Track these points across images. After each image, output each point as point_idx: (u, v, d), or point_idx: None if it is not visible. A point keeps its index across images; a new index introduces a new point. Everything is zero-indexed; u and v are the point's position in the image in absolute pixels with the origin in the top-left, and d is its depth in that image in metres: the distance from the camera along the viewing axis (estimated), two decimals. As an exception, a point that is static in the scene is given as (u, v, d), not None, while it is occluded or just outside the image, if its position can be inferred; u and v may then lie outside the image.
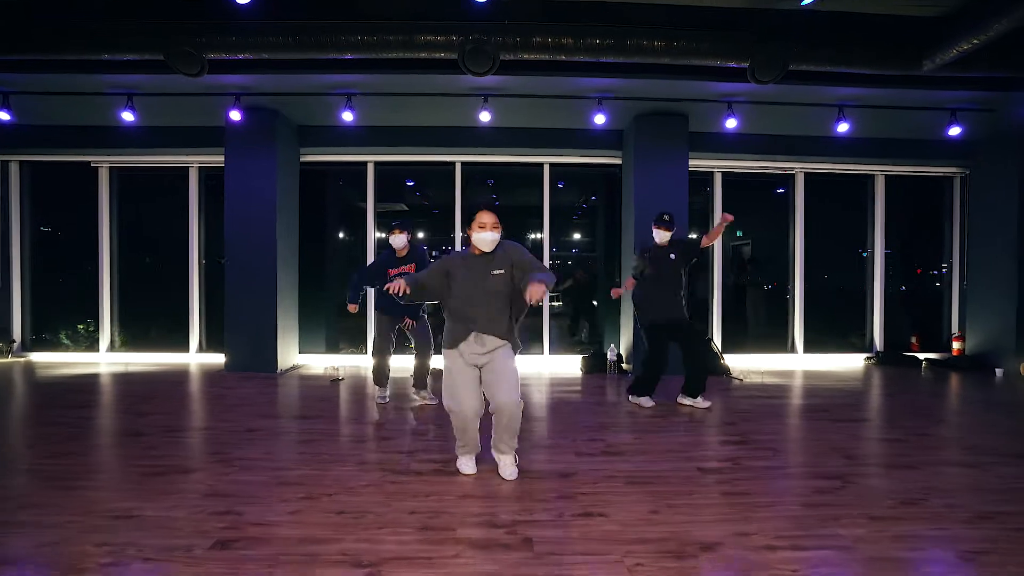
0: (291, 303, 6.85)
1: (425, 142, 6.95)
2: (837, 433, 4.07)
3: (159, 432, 3.99)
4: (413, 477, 3.12)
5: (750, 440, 3.89)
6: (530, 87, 5.67)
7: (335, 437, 3.92)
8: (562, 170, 7.47)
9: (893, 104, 5.96)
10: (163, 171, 7.43)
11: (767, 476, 3.17)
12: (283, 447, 3.67)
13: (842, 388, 5.82)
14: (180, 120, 6.70)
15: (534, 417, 4.53)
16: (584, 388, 5.80)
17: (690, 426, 4.31)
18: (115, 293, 7.50)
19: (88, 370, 6.56)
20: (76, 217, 7.51)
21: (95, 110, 6.29)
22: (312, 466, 3.29)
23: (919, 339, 7.88)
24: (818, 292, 7.74)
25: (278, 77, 5.45)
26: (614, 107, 6.08)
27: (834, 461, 3.41)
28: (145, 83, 5.58)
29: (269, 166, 6.36)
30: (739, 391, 5.65)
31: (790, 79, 5.15)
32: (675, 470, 3.27)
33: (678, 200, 6.44)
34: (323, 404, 4.98)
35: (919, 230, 8.04)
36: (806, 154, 7.26)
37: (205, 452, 3.54)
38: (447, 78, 5.40)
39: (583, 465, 3.34)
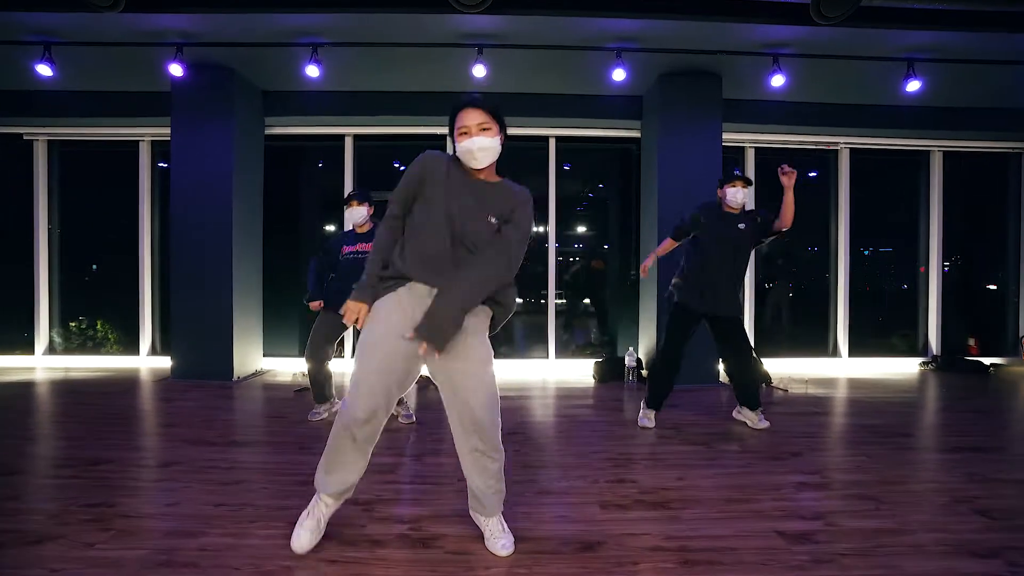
0: (252, 300, 5.84)
1: (411, 110, 5.93)
2: (946, 472, 3.06)
3: (43, 467, 3.00)
4: (366, 550, 2.11)
5: (832, 481, 2.88)
6: (534, 34, 4.62)
7: (273, 476, 2.91)
8: (570, 147, 6.44)
9: (979, 57, 4.88)
10: (110, 146, 6.40)
11: (885, 549, 2.15)
12: (198, 494, 2.65)
13: (909, 402, 4.82)
14: (123, 83, 5.70)
15: (539, 445, 3.51)
16: (599, 402, 4.79)
17: (744, 458, 3.29)
18: (55, 287, 6.49)
19: (15, 377, 5.56)
20: (9, 199, 6.47)
21: (18, 70, 5.26)
22: (225, 528, 2.28)
23: (978, 341, 6.87)
24: (859, 289, 6.73)
25: (223, 18, 4.41)
26: (635, 62, 5.04)
27: (970, 522, 2.40)
28: (61, 26, 4.53)
29: (224, 136, 5.35)
30: (787, 404, 4.65)
31: (858, 20, 4.14)
32: (745, 536, 2.26)
33: (710, 179, 5.39)
34: (274, 424, 3.98)
35: (977, 216, 7.00)
36: (853, 126, 6.23)
37: (84, 503, 2.52)
38: (433, 19, 4.36)
39: (612, 526, 2.33)
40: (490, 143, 2.00)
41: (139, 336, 6.35)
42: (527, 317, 6.70)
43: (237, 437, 3.64)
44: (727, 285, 3.73)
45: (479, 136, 1.98)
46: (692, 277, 3.77)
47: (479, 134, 1.98)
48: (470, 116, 2.00)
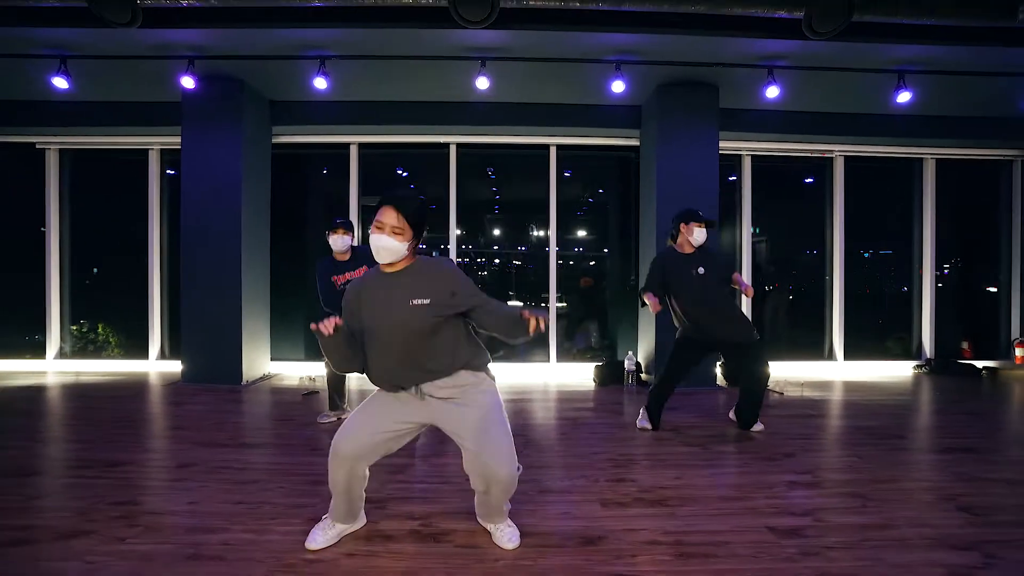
0: (261, 305, 5.97)
1: (415, 119, 6.07)
2: (933, 471, 3.18)
3: (61, 470, 3.12)
4: (380, 544, 2.24)
5: (824, 481, 3.00)
6: (535, 47, 4.75)
7: (287, 476, 3.03)
8: (570, 155, 6.57)
9: (968, 69, 5.03)
10: (120, 154, 6.54)
11: (870, 542, 2.28)
12: (214, 494, 2.77)
13: (903, 404, 4.95)
14: (134, 93, 5.83)
15: (542, 447, 3.64)
16: (599, 404, 4.92)
17: (741, 459, 3.42)
18: (66, 292, 6.62)
19: (23, 381, 5.68)
20: (22, 206, 6.60)
21: (33, 81, 5.41)
22: (246, 525, 2.41)
23: (971, 345, 6.99)
24: (853, 292, 6.85)
25: (235, 33, 4.55)
26: (634, 74, 5.18)
27: (953, 517, 2.52)
28: (76, 41, 4.66)
29: (233, 146, 5.48)
30: (783, 407, 4.77)
31: (848, 35, 4.28)
32: (738, 531, 2.38)
33: (708, 187, 5.56)
34: (284, 427, 4.09)
35: (970, 222, 7.13)
36: (848, 134, 6.37)
37: (110, 502, 2.65)
38: (437, 33, 4.50)
39: (613, 522, 2.46)
40: (397, 245, 2.02)
41: (148, 340, 6.47)
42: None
43: (249, 439, 3.76)
44: (714, 318, 3.83)
45: (389, 236, 2.01)
46: (681, 316, 3.92)
47: (392, 234, 2.01)
48: (389, 214, 2.01)
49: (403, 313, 2.04)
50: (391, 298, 2.06)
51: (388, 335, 2.07)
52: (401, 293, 2.05)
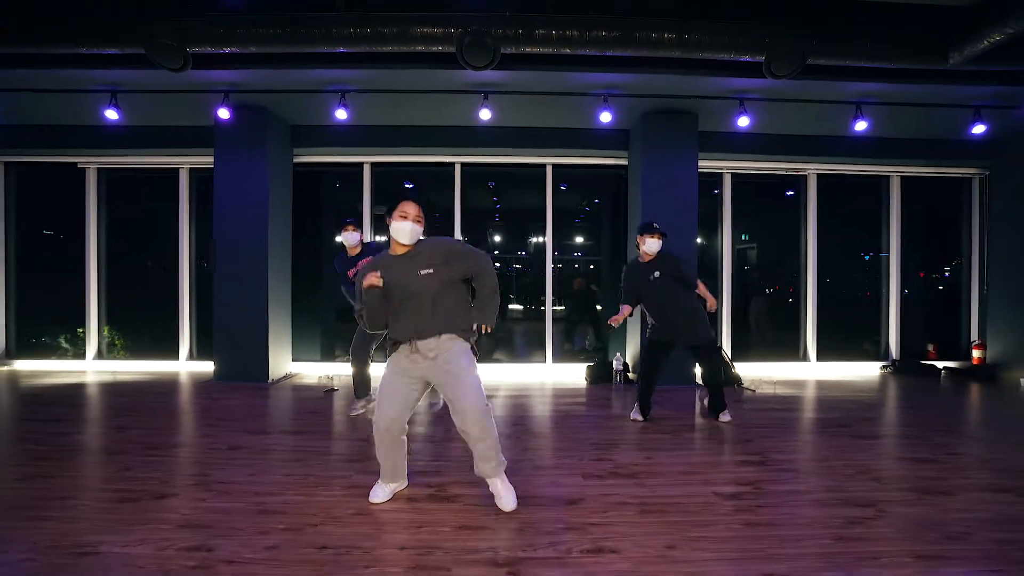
0: (283, 309, 6.59)
1: (423, 142, 6.71)
2: (862, 452, 3.79)
3: (136, 450, 3.73)
4: (405, 504, 2.86)
5: (769, 460, 3.61)
6: (532, 83, 5.41)
7: (323, 456, 3.65)
8: (565, 171, 7.21)
9: (914, 101, 5.68)
10: (152, 172, 7.18)
11: (792, 503, 2.90)
12: (267, 468, 3.39)
13: (860, 400, 5.55)
14: (168, 119, 6.46)
15: (537, 433, 4.26)
16: (589, 400, 5.53)
17: (704, 443, 4.04)
18: (103, 298, 7.25)
19: (73, 379, 6.31)
20: (63, 220, 7.25)
21: (80, 109, 6.06)
22: (297, 491, 3.02)
23: (937, 347, 7.60)
24: (830, 297, 7.47)
25: (268, 72, 5.20)
26: (621, 105, 5.82)
27: (863, 485, 3.14)
28: (128, 79, 5.32)
29: (260, 166, 6.11)
30: (752, 403, 5.38)
31: (807, 74, 4.91)
32: (691, 495, 3.00)
33: (687, 202, 6.18)
34: (314, 418, 4.71)
35: (935, 233, 7.75)
36: (820, 154, 7.00)
37: (183, 474, 3.28)
38: (445, 73, 5.14)
39: (591, 489, 3.07)
40: (416, 228, 2.74)
41: (177, 342, 7.09)
42: (527, 324, 7.49)
43: (285, 428, 4.38)
44: (676, 319, 4.46)
45: (412, 222, 2.72)
46: (649, 319, 4.60)
47: (414, 221, 2.72)
48: (411, 207, 2.73)
49: (414, 283, 2.71)
50: (404, 272, 2.73)
51: (402, 302, 2.74)
52: (411, 267, 2.73)
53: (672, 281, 4.45)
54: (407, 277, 2.72)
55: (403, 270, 2.74)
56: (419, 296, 2.72)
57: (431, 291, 2.72)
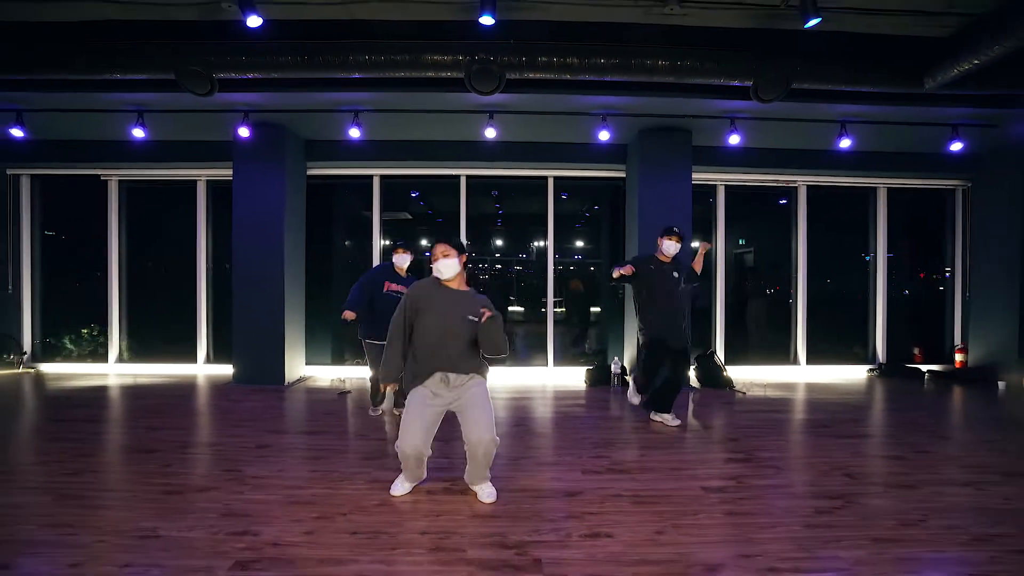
0: (298, 314, 6.93)
1: (431, 156, 7.05)
2: (840, 450, 4.12)
3: (171, 448, 4.06)
4: (423, 496, 3.19)
5: (754, 457, 3.94)
6: (535, 104, 5.76)
7: (344, 453, 3.99)
8: (566, 182, 7.55)
9: (895, 120, 6.05)
10: (172, 184, 7.52)
11: (770, 495, 3.23)
12: (294, 464, 3.73)
13: (845, 402, 5.88)
14: (189, 135, 6.80)
15: (540, 433, 4.60)
16: (588, 402, 5.86)
17: (694, 443, 4.37)
18: (123, 304, 7.59)
19: (97, 382, 6.64)
20: (86, 229, 7.60)
21: (106, 126, 6.41)
22: (324, 484, 3.35)
23: (922, 351, 7.93)
24: (820, 303, 7.80)
25: (286, 95, 5.55)
26: (618, 123, 6.16)
27: (836, 480, 3.47)
28: (155, 101, 5.68)
29: (277, 180, 6.45)
30: (742, 405, 5.71)
31: (793, 97, 5.23)
32: (680, 489, 3.33)
33: (682, 213, 6.51)
34: (330, 419, 5.05)
35: (921, 241, 8.10)
36: (809, 167, 7.34)
37: (218, 469, 3.61)
38: (453, 96, 5.49)
39: (589, 483, 3.40)
40: (456, 264, 3.11)
41: (195, 346, 7.42)
42: (528, 327, 7.85)
43: (305, 428, 4.71)
44: (676, 320, 4.76)
45: (449, 259, 3.09)
46: (648, 320, 4.78)
47: (446, 257, 3.09)
48: (443, 247, 3.10)
49: (457, 321, 3.05)
50: (450, 309, 3.07)
51: (441, 332, 3.05)
52: (458, 308, 3.07)
53: (683, 284, 4.77)
54: (452, 313, 3.05)
55: (449, 305, 3.07)
56: (459, 336, 3.06)
57: (470, 336, 3.06)
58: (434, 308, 3.09)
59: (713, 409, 5.53)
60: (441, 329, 3.06)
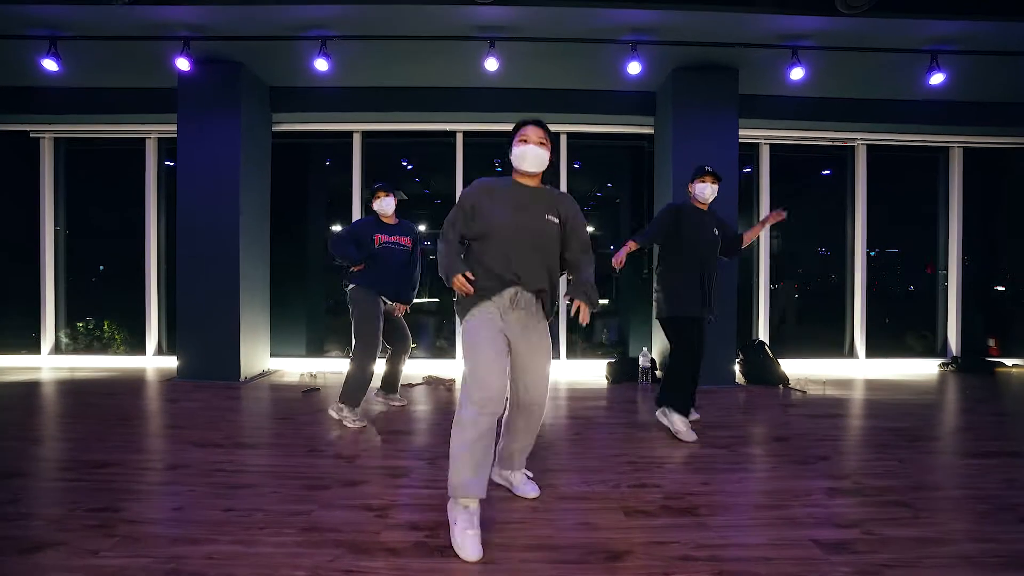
0: (260, 299, 5.75)
1: (421, 106, 5.84)
2: (980, 476, 2.93)
3: (44, 471, 2.90)
4: (381, 559, 2.01)
5: (865, 488, 2.75)
6: (547, 25, 4.50)
7: (285, 479, 2.81)
8: (581, 144, 6.32)
9: (1005, 48, 4.74)
10: (117, 142, 6.33)
11: (927, 560, 2.03)
12: (204, 498, 2.55)
13: (932, 404, 4.70)
14: (130, 80, 5.62)
15: (556, 449, 3.40)
16: (614, 403, 4.67)
17: (770, 461, 3.18)
18: (60, 287, 6.42)
19: (20, 377, 5.49)
20: (15, 196, 6.40)
21: (23, 66, 5.21)
22: (234, 535, 2.18)
23: (998, 342, 6.72)
24: (872, 289, 6.59)
25: (233, 10, 4.31)
26: (649, 55, 4.93)
27: (1015, 529, 2.28)
28: (67, 19, 4.43)
29: (231, 132, 5.26)
30: (806, 407, 4.52)
31: (880, 10, 4.03)
32: (780, 545, 2.14)
33: (727, 175, 5.28)
34: (283, 425, 3.87)
35: (998, 214, 6.84)
36: (872, 120, 6.09)
37: (86, 508, 2.43)
38: (444, 10, 4.26)
39: (639, 534, 2.22)
40: (546, 154, 2.36)
41: (145, 336, 6.27)
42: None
43: (244, 439, 3.54)
44: (708, 287, 3.59)
45: (537, 147, 2.33)
46: (672, 279, 3.61)
47: (538, 145, 2.33)
48: (534, 130, 2.35)
49: (538, 223, 2.32)
50: (529, 207, 2.33)
51: (517, 235, 2.28)
52: (538, 207, 2.34)
53: (718, 247, 3.69)
54: (532, 209, 2.33)
55: (529, 204, 2.34)
56: (540, 241, 2.33)
57: (552, 245, 2.37)
58: (509, 202, 2.32)
59: (773, 413, 4.34)
60: (517, 228, 2.29)
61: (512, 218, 2.28)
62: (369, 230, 3.92)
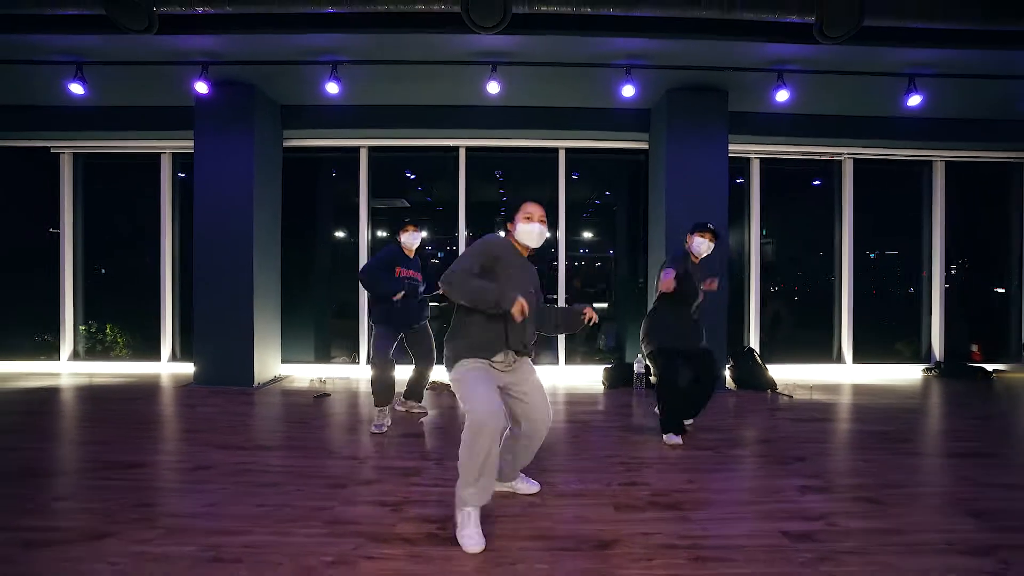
0: (272, 307, 6.01)
1: (425, 123, 6.11)
2: (943, 474, 3.20)
3: (85, 471, 3.16)
4: (399, 547, 2.27)
5: (834, 485, 3.02)
6: (546, 51, 4.78)
7: (306, 478, 3.07)
8: (578, 158, 6.60)
9: (979, 72, 5.03)
10: (133, 157, 6.60)
11: (883, 548, 2.30)
12: (235, 496, 2.81)
13: (912, 408, 4.95)
14: (147, 98, 5.89)
15: (553, 450, 3.66)
16: (609, 407, 4.94)
17: (751, 462, 3.44)
18: (79, 295, 6.69)
19: (43, 383, 5.74)
20: (37, 209, 6.68)
21: (48, 87, 5.49)
22: (266, 527, 2.44)
23: (981, 347, 6.99)
24: (859, 295, 6.85)
25: (248, 39, 4.60)
26: (644, 78, 5.21)
27: (965, 522, 2.54)
28: (93, 47, 4.72)
29: (245, 149, 5.53)
30: (792, 411, 4.78)
31: (859, 39, 4.28)
32: (753, 535, 2.40)
33: (717, 189, 5.59)
34: (299, 429, 4.13)
35: (980, 223, 7.11)
36: (858, 136, 6.36)
37: (130, 503, 2.70)
38: (449, 39, 4.53)
39: (627, 527, 2.49)
40: (546, 231, 2.62)
41: (159, 342, 6.53)
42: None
43: (264, 442, 3.80)
44: (693, 322, 3.90)
45: (540, 224, 2.57)
46: (662, 321, 3.88)
47: (540, 223, 2.57)
48: (536, 208, 2.58)
49: (531, 295, 2.54)
50: (525, 279, 2.56)
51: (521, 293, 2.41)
52: (529, 278, 2.60)
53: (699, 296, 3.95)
54: (527, 283, 2.58)
55: (524, 274, 2.59)
56: (531, 311, 2.53)
57: (536, 311, 2.64)
58: (512, 272, 2.51)
59: (760, 417, 4.61)
60: (520, 288, 2.45)
61: (518, 286, 2.45)
62: (393, 262, 4.14)
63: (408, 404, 4.60)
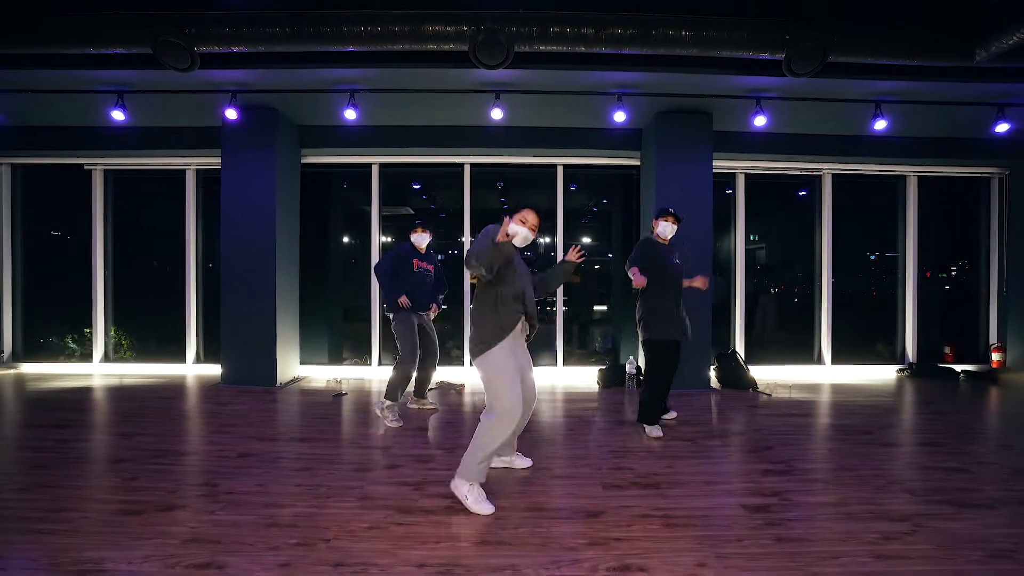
0: (291, 311, 6.50)
1: (433, 142, 6.61)
2: (890, 460, 3.68)
3: (143, 458, 3.64)
4: (422, 517, 2.75)
5: (794, 469, 3.50)
6: (545, 82, 5.29)
7: (335, 464, 3.55)
8: (576, 172, 7.10)
9: (936, 99, 5.54)
10: (160, 173, 7.09)
11: (823, 515, 2.78)
12: (277, 477, 3.30)
13: (880, 405, 5.42)
14: (175, 120, 6.38)
15: (551, 440, 4.15)
16: (603, 404, 5.42)
17: (724, 451, 3.92)
18: (110, 301, 7.18)
19: (79, 383, 6.23)
20: (70, 222, 7.18)
21: (86, 110, 5.99)
22: (308, 502, 2.92)
23: (953, 349, 7.46)
24: (842, 299, 7.33)
25: (276, 72, 5.10)
26: (634, 104, 5.71)
27: (897, 497, 3.02)
28: (135, 80, 5.24)
29: (268, 167, 6.02)
30: (769, 408, 5.25)
31: (826, 72, 4.77)
32: (717, 508, 2.89)
33: (702, 202, 6.06)
34: (323, 424, 4.61)
35: (952, 234, 7.59)
36: (835, 154, 6.85)
37: (191, 483, 3.18)
38: (457, 72, 5.04)
39: (612, 501, 2.97)
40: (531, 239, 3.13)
41: (184, 345, 7.01)
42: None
43: (294, 434, 4.28)
44: (682, 311, 4.36)
45: (531, 232, 3.09)
46: (653, 308, 4.29)
47: (532, 231, 3.09)
48: (534, 217, 3.10)
49: (527, 275, 3.19)
50: (517, 256, 3.15)
51: (523, 280, 3.07)
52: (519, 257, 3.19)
53: (684, 273, 4.44)
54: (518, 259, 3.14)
55: (519, 259, 3.17)
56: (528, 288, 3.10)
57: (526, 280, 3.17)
58: (515, 259, 3.09)
59: (739, 413, 5.08)
60: (523, 278, 3.07)
61: (520, 268, 3.10)
62: (410, 256, 4.86)
63: (420, 402, 5.08)
